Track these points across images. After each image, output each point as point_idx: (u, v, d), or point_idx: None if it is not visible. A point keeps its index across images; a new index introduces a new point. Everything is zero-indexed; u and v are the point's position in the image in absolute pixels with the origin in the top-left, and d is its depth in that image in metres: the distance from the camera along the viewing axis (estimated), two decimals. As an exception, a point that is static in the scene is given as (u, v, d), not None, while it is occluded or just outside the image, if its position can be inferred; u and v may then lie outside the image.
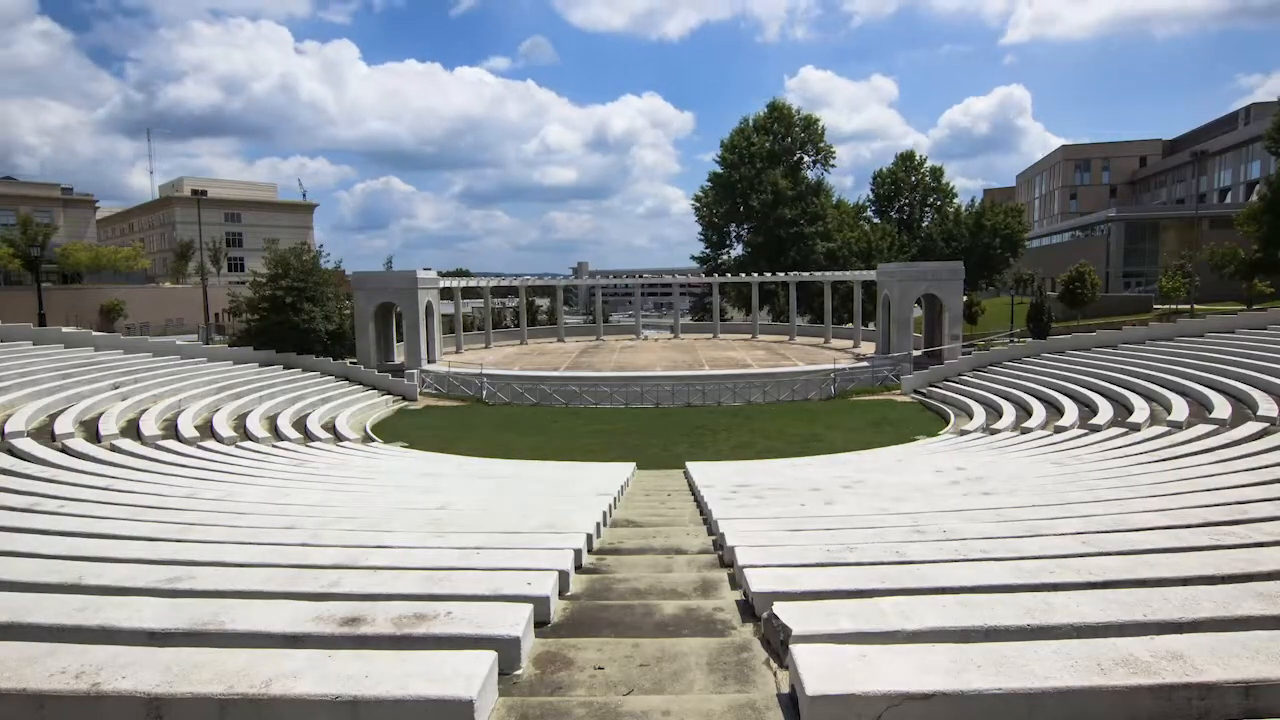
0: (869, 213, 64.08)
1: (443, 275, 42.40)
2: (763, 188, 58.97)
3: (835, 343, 43.76)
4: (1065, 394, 23.07)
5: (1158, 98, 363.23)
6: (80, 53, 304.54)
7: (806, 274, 47.89)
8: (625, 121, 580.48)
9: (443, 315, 41.15)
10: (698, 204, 64.69)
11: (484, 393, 30.30)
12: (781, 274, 48.45)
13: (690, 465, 15.54)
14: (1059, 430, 19.34)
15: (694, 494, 11.85)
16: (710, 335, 50.49)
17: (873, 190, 63.83)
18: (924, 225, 60.69)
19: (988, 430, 21.36)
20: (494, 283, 53.19)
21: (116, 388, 21.04)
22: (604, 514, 8.74)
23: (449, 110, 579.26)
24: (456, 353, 41.43)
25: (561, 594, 5.07)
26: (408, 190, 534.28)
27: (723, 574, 5.85)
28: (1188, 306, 45.60)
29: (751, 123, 62.23)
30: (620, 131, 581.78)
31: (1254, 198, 48.87)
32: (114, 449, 15.35)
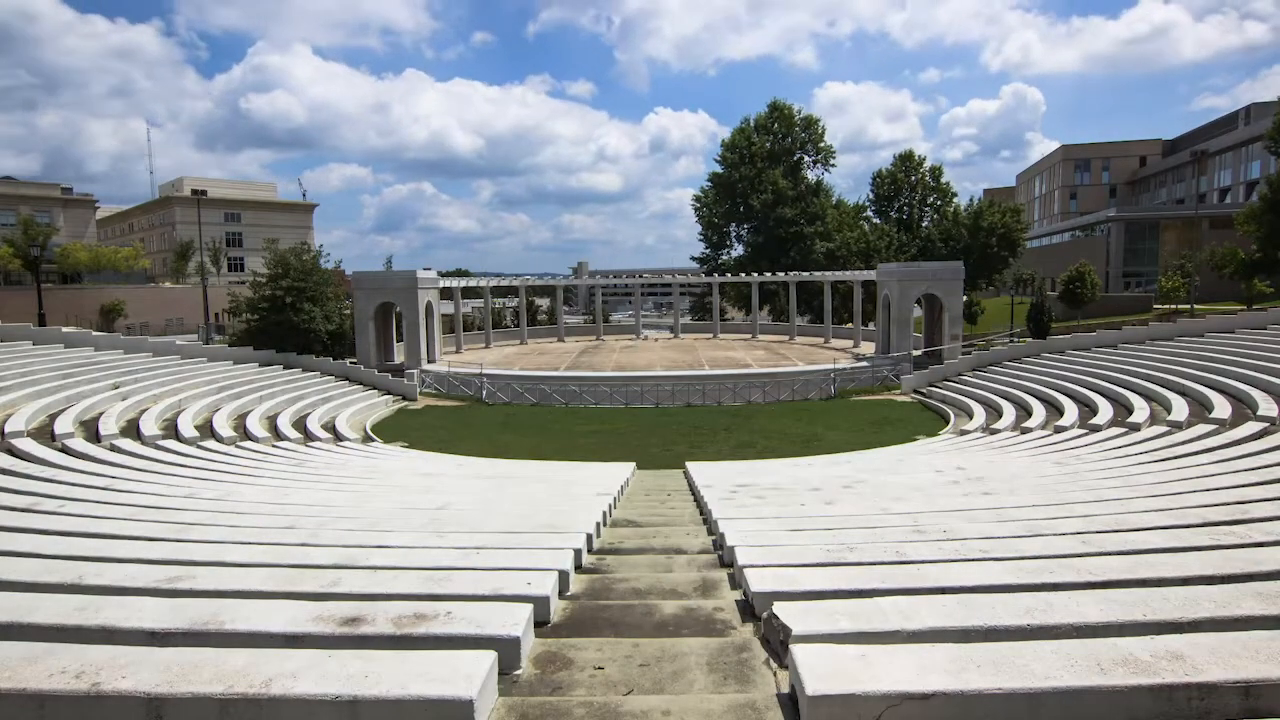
0: (869, 213, 64.07)
1: (443, 275, 42.40)
2: (763, 187, 58.93)
3: (835, 343, 43.76)
4: (1065, 394, 23.06)
5: (1133, 116, 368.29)
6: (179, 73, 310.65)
7: (806, 274, 47.88)
8: (665, 133, 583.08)
9: (443, 315, 41.16)
10: (698, 204, 64.68)
11: (484, 392, 30.29)
12: (781, 274, 48.45)
13: (690, 465, 15.54)
14: (1059, 430, 19.33)
15: (694, 494, 11.85)
16: (710, 335, 50.49)
17: (872, 190, 63.80)
18: (923, 225, 60.66)
19: (988, 430, 21.35)
20: (494, 282, 53.12)
21: (116, 388, 21.04)
22: (604, 514, 8.74)
23: (496, 124, 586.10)
24: (456, 353, 41.42)
25: (561, 594, 5.07)
26: (437, 195, 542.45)
27: (723, 574, 5.85)
28: (1188, 306, 45.61)
29: (753, 122, 62.16)
30: (660, 141, 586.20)
31: (1254, 198, 48.81)
32: (114, 449, 15.34)
